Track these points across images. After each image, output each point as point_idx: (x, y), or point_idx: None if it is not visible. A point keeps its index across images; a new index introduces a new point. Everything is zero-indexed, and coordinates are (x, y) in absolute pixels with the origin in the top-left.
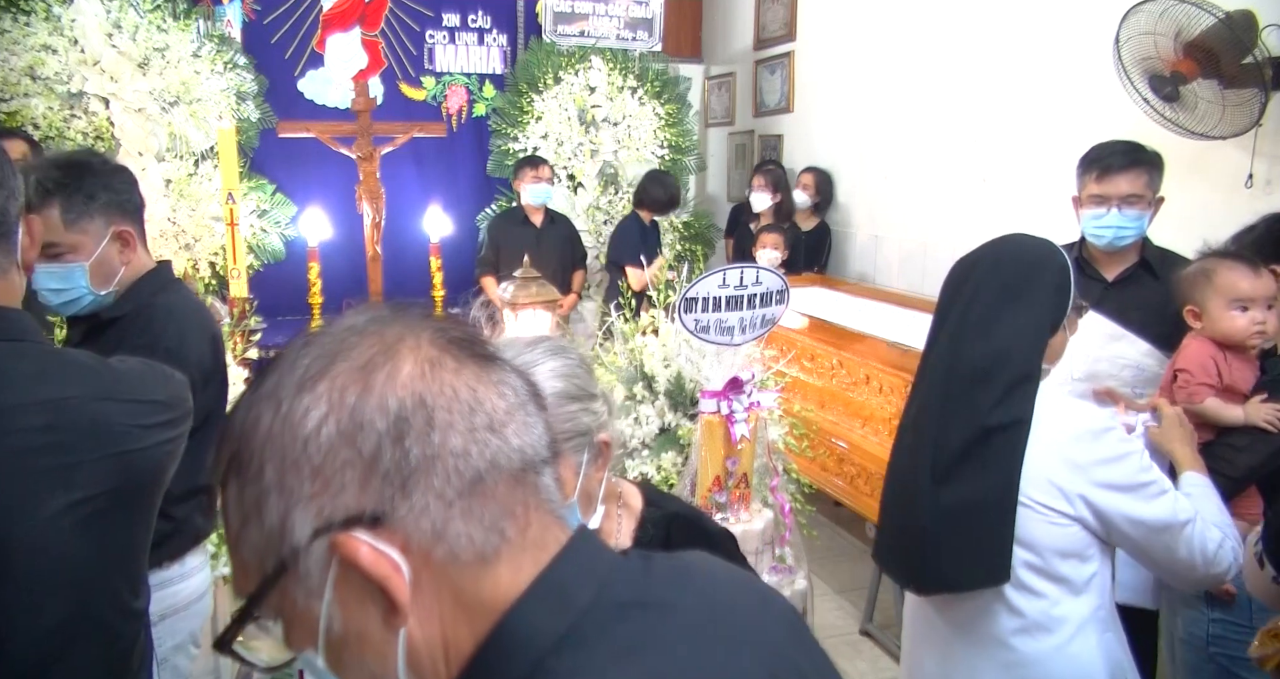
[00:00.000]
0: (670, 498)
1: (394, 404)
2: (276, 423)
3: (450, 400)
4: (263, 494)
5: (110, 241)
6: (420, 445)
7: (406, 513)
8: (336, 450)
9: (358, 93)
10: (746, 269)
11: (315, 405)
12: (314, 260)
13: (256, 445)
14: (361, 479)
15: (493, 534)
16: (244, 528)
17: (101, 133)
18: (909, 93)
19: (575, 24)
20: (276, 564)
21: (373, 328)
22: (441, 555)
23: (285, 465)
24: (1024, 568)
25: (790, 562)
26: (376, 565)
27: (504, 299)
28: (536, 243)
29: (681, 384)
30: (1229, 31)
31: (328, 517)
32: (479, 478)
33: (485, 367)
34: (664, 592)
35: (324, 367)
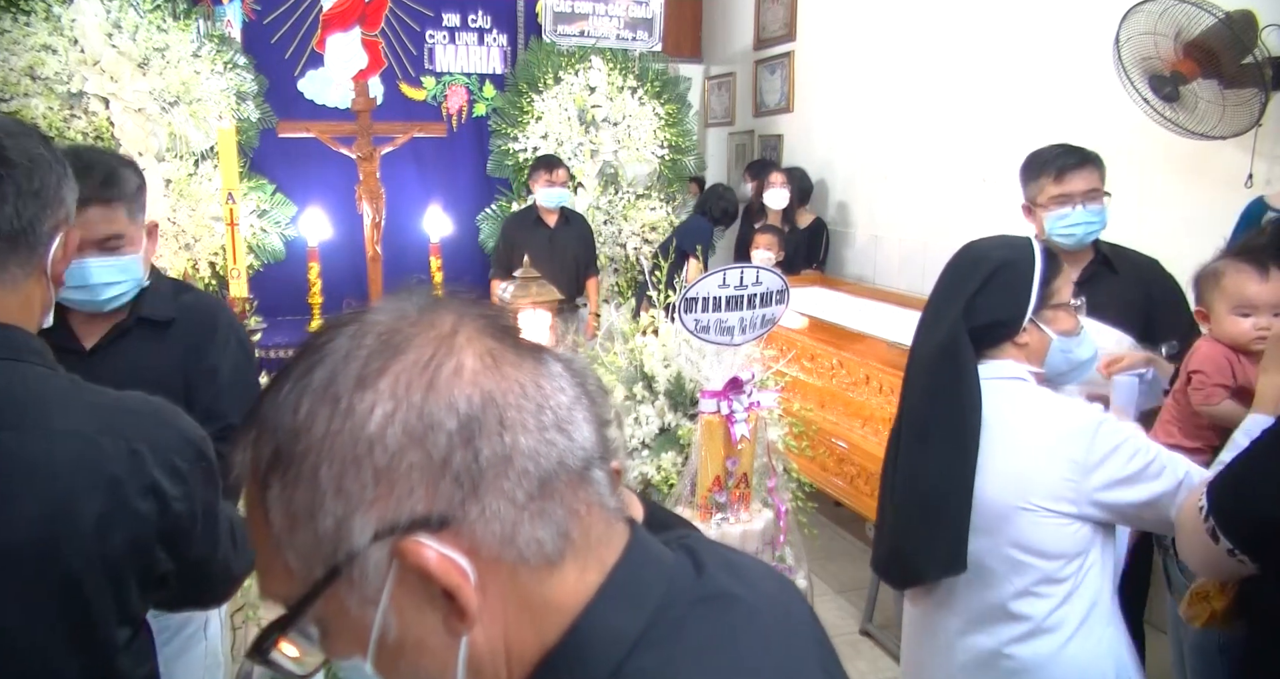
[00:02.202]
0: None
1: (463, 403)
2: (336, 421)
3: (519, 398)
4: (317, 497)
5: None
6: (491, 446)
7: (477, 517)
8: (404, 452)
9: (358, 93)
10: (746, 269)
11: (381, 404)
12: (314, 260)
13: (310, 444)
14: (430, 481)
15: (559, 537)
16: (291, 532)
17: (101, 133)
18: (909, 93)
19: (575, 24)
20: (329, 570)
21: (425, 317)
22: (510, 560)
23: (345, 467)
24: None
25: (790, 562)
26: (445, 574)
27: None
28: (550, 244)
29: (681, 384)
30: (1229, 31)
31: (391, 521)
32: (548, 479)
33: (540, 359)
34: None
35: (386, 361)
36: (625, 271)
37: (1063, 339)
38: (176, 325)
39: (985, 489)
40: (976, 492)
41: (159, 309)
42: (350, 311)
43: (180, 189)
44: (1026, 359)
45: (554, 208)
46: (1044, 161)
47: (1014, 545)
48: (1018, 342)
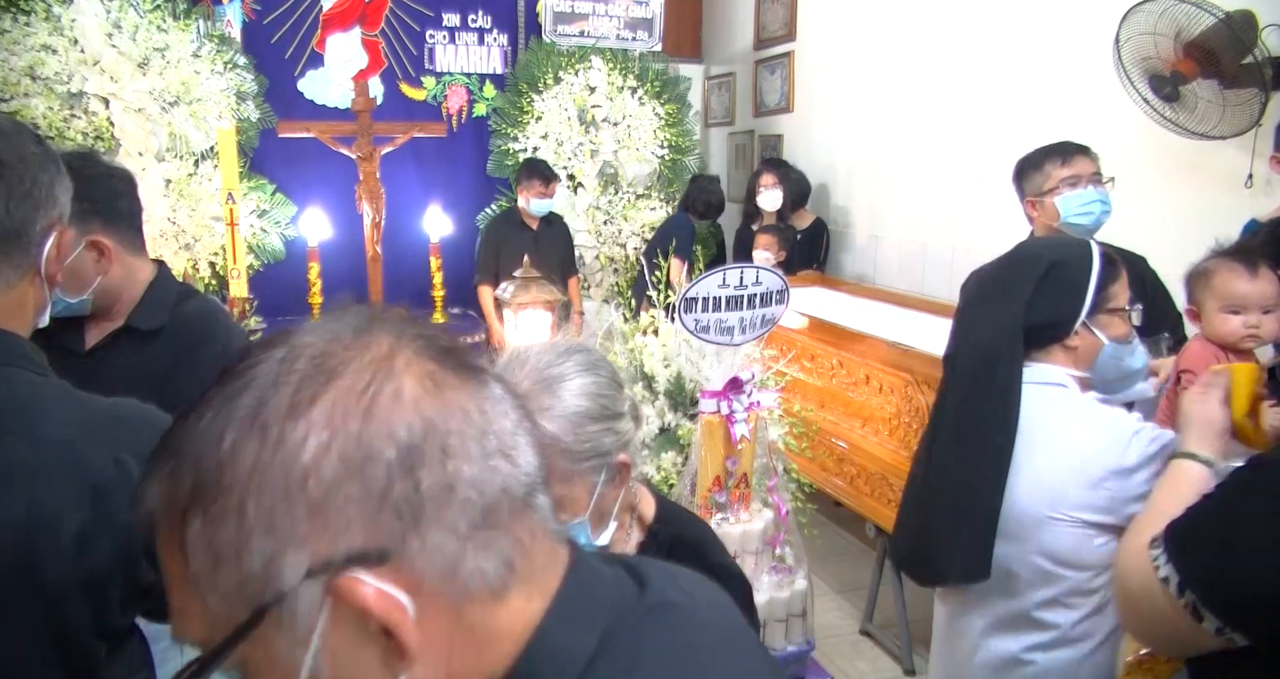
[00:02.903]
0: (682, 518)
1: (403, 431)
2: (266, 453)
3: (462, 424)
4: (243, 533)
5: (85, 250)
6: (433, 476)
7: (418, 550)
8: (340, 484)
9: (358, 93)
10: (746, 269)
11: (314, 433)
12: (314, 260)
13: (237, 478)
14: (368, 515)
15: (503, 567)
16: (214, 571)
17: (101, 133)
18: (909, 93)
19: (575, 24)
20: (254, 611)
21: (360, 339)
22: (453, 593)
23: (276, 501)
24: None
25: (790, 562)
26: (384, 612)
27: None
28: (535, 245)
29: (681, 384)
30: (1229, 31)
31: (325, 558)
32: (492, 508)
33: (482, 381)
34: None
35: (319, 387)
36: (625, 271)
37: (1115, 346)
38: (166, 333)
39: (1017, 496)
40: (1007, 498)
41: (148, 318)
42: (279, 333)
43: (180, 189)
44: (1074, 364)
45: (538, 214)
46: (1045, 152)
47: (1043, 554)
48: (1067, 344)
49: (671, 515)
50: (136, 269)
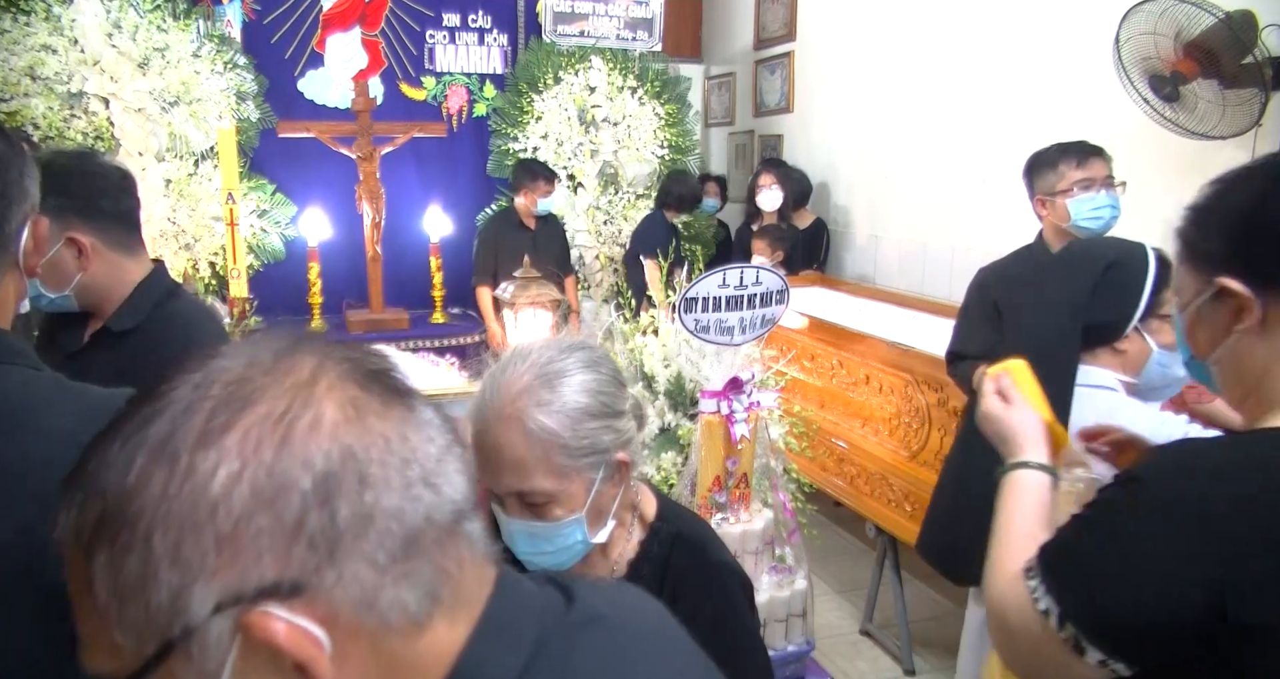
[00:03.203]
0: (684, 517)
1: (320, 459)
2: (174, 483)
3: (383, 452)
4: (149, 566)
5: (64, 247)
6: (350, 506)
7: (333, 583)
8: (251, 515)
9: (358, 93)
10: (746, 269)
11: (225, 462)
12: (314, 260)
13: (143, 509)
14: (280, 547)
15: (426, 598)
16: (120, 604)
17: (101, 133)
18: (909, 93)
19: (575, 24)
20: (162, 645)
21: (281, 364)
22: (372, 625)
23: (183, 533)
24: None
25: (790, 562)
26: (296, 647)
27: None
28: (533, 245)
29: (681, 384)
30: (1229, 31)
31: (235, 591)
32: (413, 538)
33: (409, 405)
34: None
35: (233, 414)
36: (625, 271)
37: (1163, 353)
38: (138, 335)
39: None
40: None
41: (122, 319)
42: (197, 357)
43: (180, 189)
44: (1122, 368)
45: (539, 213)
46: (1062, 150)
47: None
48: (1117, 348)
49: (673, 513)
50: (125, 268)
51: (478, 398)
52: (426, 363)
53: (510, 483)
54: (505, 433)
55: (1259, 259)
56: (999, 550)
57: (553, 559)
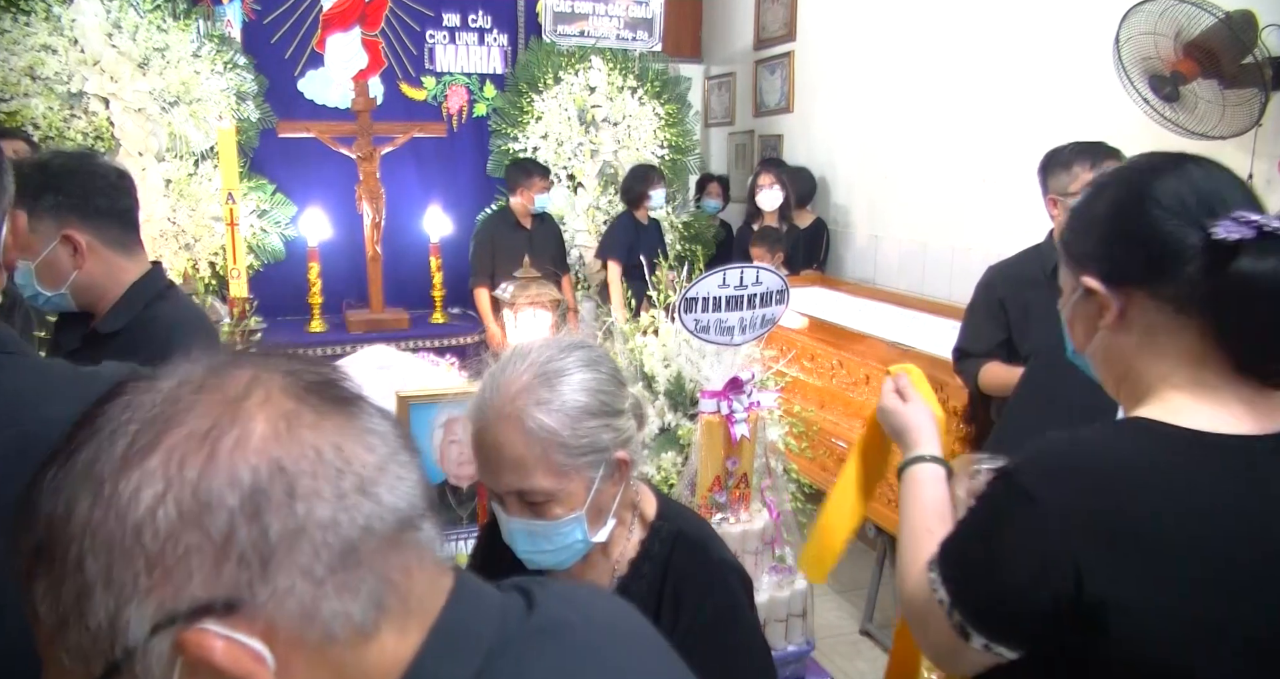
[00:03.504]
0: (684, 515)
1: (247, 475)
2: (98, 509)
3: (314, 464)
4: (84, 591)
5: (60, 245)
6: (281, 520)
7: (268, 597)
8: (178, 535)
9: (358, 93)
10: (746, 269)
11: (148, 484)
12: (314, 260)
13: (72, 535)
14: (212, 565)
15: (371, 608)
16: (62, 628)
17: (101, 133)
18: (909, 93)
19: (575, 24)
20: (106, 667)
21: (212, 380)
22: (315, 638)
23: (113, 557)
24: None
25: (790, 562)
26: (236, 663)
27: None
28: (530, 245)
29: (681, 384)
30: (1229, 31)
31: (170, 611)
32: (351, 548)
33: (350, 414)
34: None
35: (157, 435)
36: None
37: None
38: (123, 336)
39: None
40: None
41: (109, 321)
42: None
43: (180, 189)
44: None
45: (535, 211)
46: (1077, 151)
47: None
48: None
49: (674, 512)
50: (121, 268)
51: (477, 397)
52: (426, 363)
53: (510, 481)
54: (505, 432)
55: (1114, 261)
56: (904, 545)
57: (553, 558)
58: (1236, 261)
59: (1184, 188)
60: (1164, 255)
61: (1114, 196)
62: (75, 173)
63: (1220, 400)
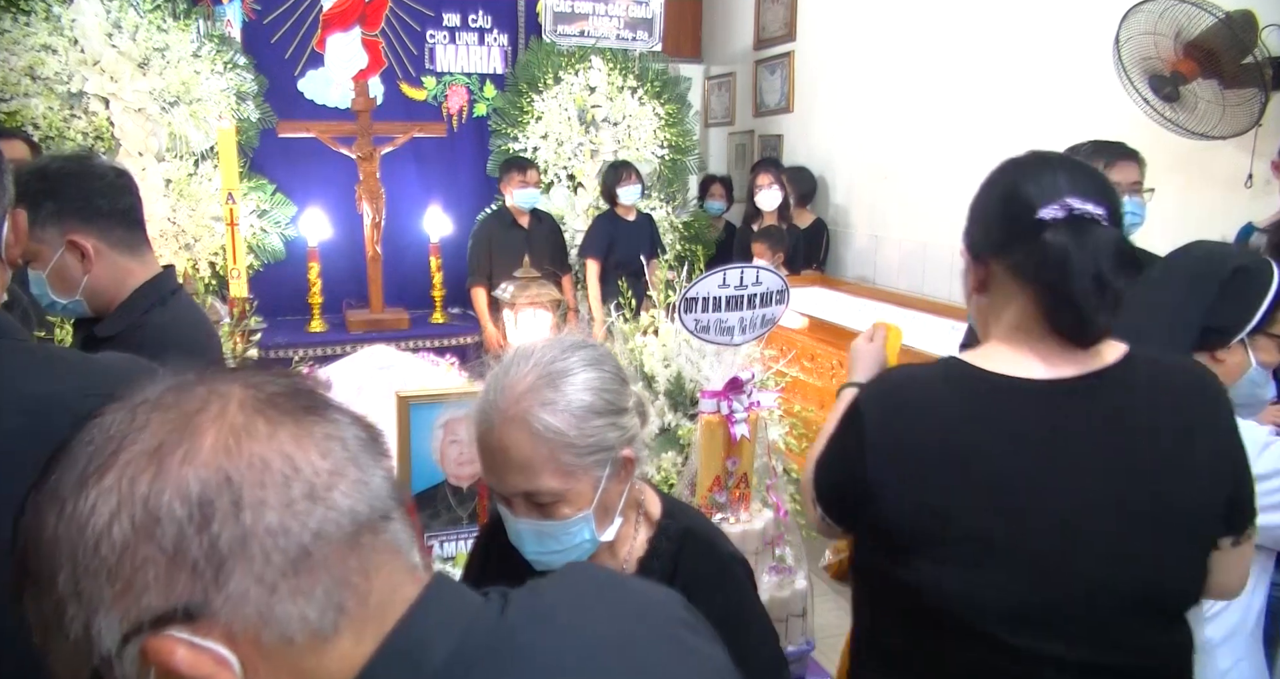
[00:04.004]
0: (689, 512)
1: (195, 487)
2: (62, 525)
3: (260, 473)
4: (60, 604)
5: (67, 251)
6: (229, 529)
7: (223, 603)
8: (133, 548)
9: (358, 93)
10: (746, 269)
11: (103, 501)
12: (314, 260)
13: (44, 552)
14: (167, 575)
15: (329, 610)
16: (47, 641)
17: (101, 133)
18: (909, 93)
19: (575, 24)
20: (90, 675)
21: (170, 399)
22: (273, 640)
23: (78, 571)
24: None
25: (790, 562)
26: (195, 666)
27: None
28: (528, 244)
29: (681, 384)
30: (1229, 31)
31: (135, 619)
32: (304, 553)
33: (307, 423)
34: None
35: (112, 454)
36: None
37: (1260, 371)
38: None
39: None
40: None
41: (107, 325)
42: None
43: (180, 189)
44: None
45: (527, 209)
46: (1094, 150)
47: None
48: (1217, 356)
49: (679, 510)
50: (128, 270)
51: (481, 400)
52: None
53: (517, 483)
54: (511, 434)
55: (974, 237)
56: (814, 446)
57: (561, 558)
58: (1043, 235)
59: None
60: (1006, 232)
61: (985, 184)
62: (73, 175)
63: (1029, 351)
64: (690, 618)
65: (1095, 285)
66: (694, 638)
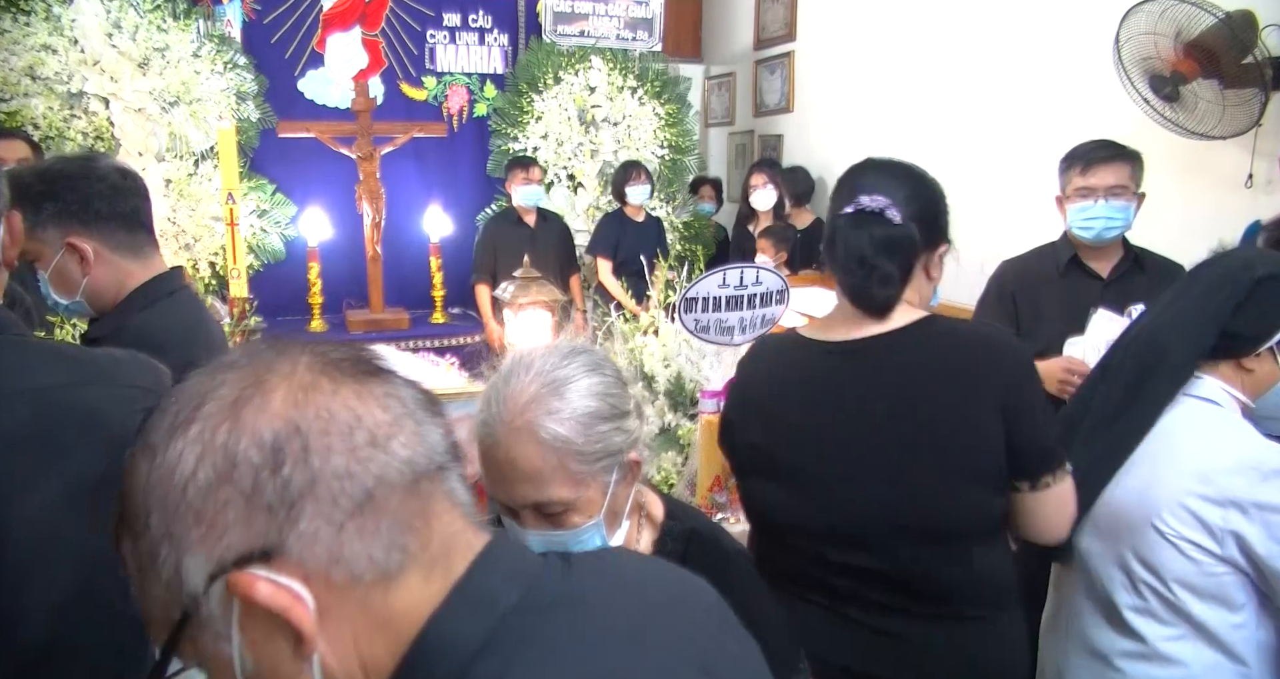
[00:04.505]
0: (692, 511)
1: (268, 435)
2: (154, 472)
3: (326, 422)
4: (153, 545)
5: (66, 253)
6: (299, 472)
7: (296, 541)
8: (215, 491)
9: (358, 93)
10: (746, 269)
11: (189, 449)
12: (314, 260)
13: (139, 498)
14: (246, 516)
15: (394, 551)
16: (143, 581)
17: (101, 133)
18: (909, 93)
19: (575, 24)
20: (180, 613)
21: (245, 362)
22: (342, 578)
23: (168, 514)
24: (1146, 589)
25: None
26: (274, 599)
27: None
28: (532, 243)
29: (681, 384)
30: (1229, 31)
31: (219, 558)
32: (368, 496)
33: (367, 382)
34: (587, 588)
35: (194, 408)
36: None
37: None
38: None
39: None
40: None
41: (100, 327)
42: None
43: (180, 189)
44: (1241, 386)
45: (531, 207)
46: (1076, 154)
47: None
48: (1244, 364)
49: (683, 511)
50: (128, 273)
51: (482, 413)
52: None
53: (526, 494)
54: (518, 445)
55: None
56: None
57: None
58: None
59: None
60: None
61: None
62: (73, 178)
63: (839, 321)
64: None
65: (859, 264)
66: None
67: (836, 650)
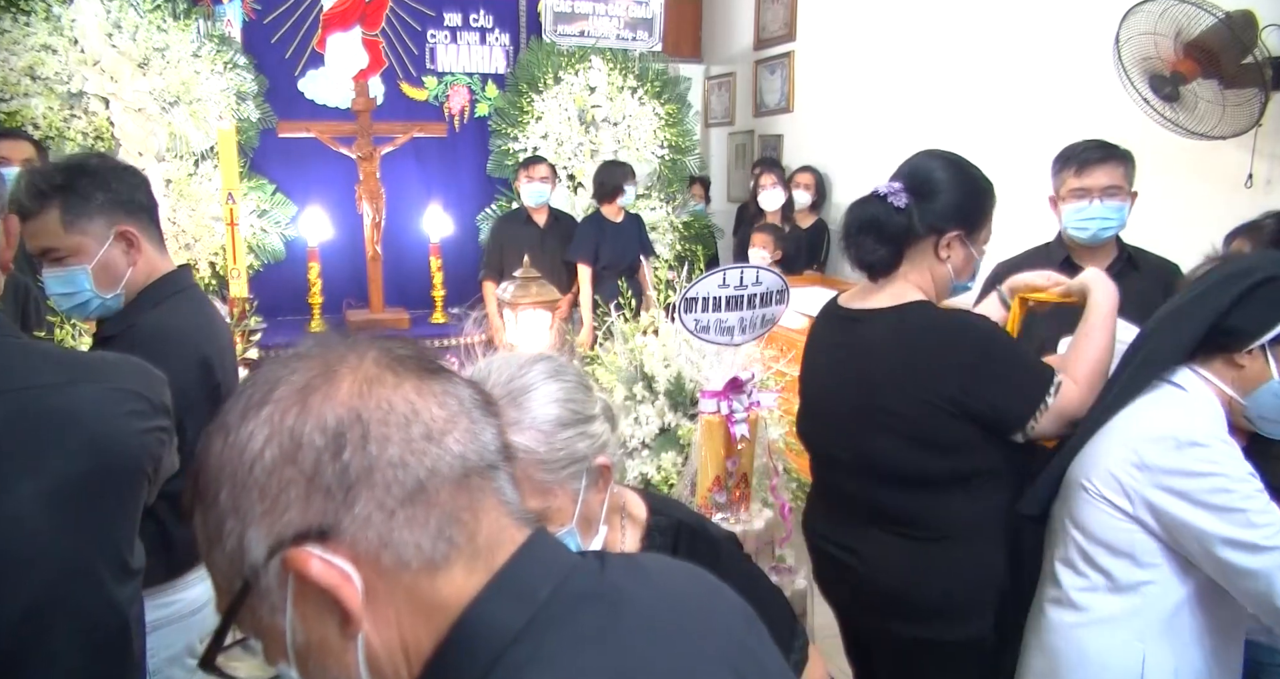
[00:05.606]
0: (674, 504)
1: (332, 421)
2: (226, 449)
3: (386, 414)
4: (221, 518)
5: (114, 242)
6: (358, 458)
7: (350, 524)
8: (280, 470)
9: (358, 93)
10: (746, 269)
11: (259, 429)
12: (314, 260)
13: (211, 472)
14: (305, 495)
15: (440, 541)
16: (210, 551)
17: (101, 133)
18: (909, 93)
19: (575, 24)
20: (241, 584)
21: (317, 352)
22: (390, 562)
23: (236, 489)
24: (1072, 546)
25: (790, 562)
26: (326, 576)
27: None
28: (540, 243)
29: (681, 384)
30: (1229, 31)
31: (279, 534)
32: (420, 486)
33: (427, 379)
34: (621, 585)
35: (267, 392)
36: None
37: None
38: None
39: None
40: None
41: (111, 324)
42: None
43: (180, 189)
44: (1230, 382)
45: (540, 206)
46: (1069, 155)
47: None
48: (1237, 361)
49: (665, 505)
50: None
51: None
52: None
53: None
54: None
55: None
56: None
57: None
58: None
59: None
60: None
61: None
62: (116, 169)
63: (860, 291)
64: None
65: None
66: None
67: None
